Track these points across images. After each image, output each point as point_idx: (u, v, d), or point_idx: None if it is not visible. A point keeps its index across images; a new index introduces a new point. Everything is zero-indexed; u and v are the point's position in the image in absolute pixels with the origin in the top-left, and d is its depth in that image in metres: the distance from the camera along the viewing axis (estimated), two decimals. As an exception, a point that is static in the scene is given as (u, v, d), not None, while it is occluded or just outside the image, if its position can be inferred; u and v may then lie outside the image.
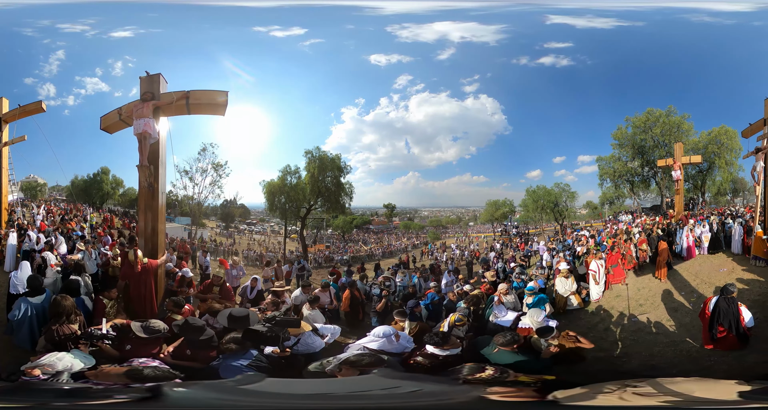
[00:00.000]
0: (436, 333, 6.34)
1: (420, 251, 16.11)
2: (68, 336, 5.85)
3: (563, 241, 13.04)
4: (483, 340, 6.63)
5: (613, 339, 8.18)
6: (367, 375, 5.37)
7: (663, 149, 13.44)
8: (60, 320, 6.00)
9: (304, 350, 6.51)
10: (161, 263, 8.30)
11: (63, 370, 5.13)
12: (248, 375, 5.53)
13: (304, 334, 6.59)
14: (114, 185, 14.35)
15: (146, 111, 8.04)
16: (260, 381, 5.40)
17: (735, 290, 7.12)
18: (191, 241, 14.25)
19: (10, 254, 9.06)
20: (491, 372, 5.44)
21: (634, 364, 7.26)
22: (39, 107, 10.06)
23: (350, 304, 9.33)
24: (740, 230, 10.41)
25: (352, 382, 5.31)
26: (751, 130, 10.54)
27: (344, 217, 16.35)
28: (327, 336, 6.98)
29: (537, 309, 7.72)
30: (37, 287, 6.91)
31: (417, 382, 5.32)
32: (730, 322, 6.85)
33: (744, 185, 13.67)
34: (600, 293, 9.52)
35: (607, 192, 14.56)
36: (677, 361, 7.15)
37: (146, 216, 8.29)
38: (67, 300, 6.30)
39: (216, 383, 5.34)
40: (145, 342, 5.98)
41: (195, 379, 5.43)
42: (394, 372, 5.76)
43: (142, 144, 8.07)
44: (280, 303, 7.91)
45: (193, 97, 8.24)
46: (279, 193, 14.54)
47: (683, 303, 8.76)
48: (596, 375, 6.79)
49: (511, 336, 6.31)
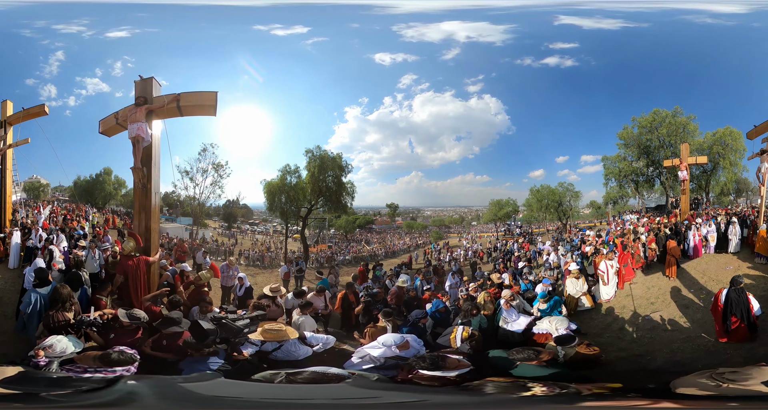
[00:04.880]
0: (423, 357, 5.90)
1: (423, 251, 16.06)
2: (62, 323, 6.34)
3: (570, 241, 13.05)
4: (499, 358, 6.33)
5: (629, 338, 8.19)
6: (339, 385, 5.39)
7: (668, 150, 13.50)
8: (56, 306, 6.49)
9: (283, 357, 6.52)
10: (154, 260, 8.41)
11: (61, 352, 5.69)
12: (205, 373, 5.83)
13: (288, 342, 6.59)
14: (116, 186, 14.28)
15: (139, 115, 8.17)
16: (212, 379, 5.63)
17: (743, 281, 7.37)
18: (192, 241, 14.14)
19: (15, 252, 9.24)
20: (547, 390, 5.21)
21: (660, 362, 7.29)
22: (42, 110, 10.12)
23: (342, 306, 9.15)
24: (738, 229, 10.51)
25: (310, 390, 5.33)
26: (756, 131, 10.60)
27: (347, 217, 16.28)
28: (317, 345, 6.92)
29: (561, 318, 7.67)
30: (45, 278, 7.12)
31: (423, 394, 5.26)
32: (741, 312, 7.11)
33: (747, 185, 13.78)
34: (611, 293, 9.53)
35: (611, 192, 14.65)
36: (697, 356, 7.28)
37: (140, 216, 8.42)
38: (65, 289, 6.72)
39: (167, 378, 5.56)
40: (126, 331, 6.49)
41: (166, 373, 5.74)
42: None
43: (136, 147, 8.22)
44: (265, 307, 7.82)
45: (183, 99, 8.31)
46: (279, 192, 14.46)
47: (693, 300, 8.86)
48: (628, 376, 6.89)
49: (527, 352, 6.17)
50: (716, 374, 5.29)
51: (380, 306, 8.59)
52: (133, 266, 7.96)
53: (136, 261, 7.98)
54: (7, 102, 10.12)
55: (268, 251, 15.19)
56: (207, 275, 8.95)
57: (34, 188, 13.46)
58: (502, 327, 8.02)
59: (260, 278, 12.91)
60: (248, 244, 15.52)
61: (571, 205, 15.05)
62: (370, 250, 16.07)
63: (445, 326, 7.98)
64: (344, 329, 8.73)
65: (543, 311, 8.34)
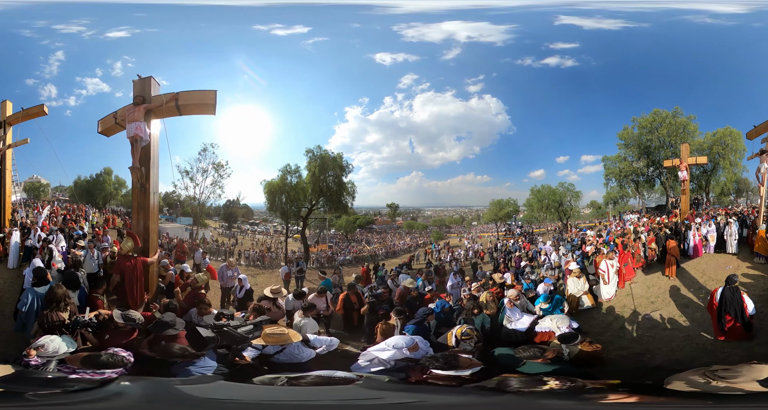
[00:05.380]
0: (435, 357, 6.01)
1: (423, 251, 16.06)
2: (56, 323, 6.31)
3: (571, 241, 13.07)
4: (506, 356, 6.48)
5: (630, 336, 8.28)
6: (342, 387, 5.39)
7: (668, 150, 13.54)
8: (51, 306, 6.47)
9: (286, 360, 6.45)
10: (152, 261, 8.37)
11: (54, 352, 5.67)
12: (204, 375, 5.75)
13: (291, 345, 6.52)
14: (117, 186, 14.26)
15: (137, 115, 8.16)
16: (211, 382, 5.56)
17: (737, 279, 7.49)
18: (192, 241, 14.12)
19: (14, 252, 9.24)
20: (559, 384, 5.36)
21: (659, 360, 7.41)
22: (41, 110, 10.12)
23: (344, 307, 9.14)
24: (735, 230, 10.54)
25: (320, 392, 5.32)
26: (756, 132, 10.64)
27: (347, 217, 16.27)
28: (321, 347, 6.86)
29: (563, 316, 7.77)
30: (43, 277, 7.12)
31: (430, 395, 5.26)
32: (735, 310, 7.22)
33: (747, 185, 13.81)
34: (611, 292, 9.58)
35: (611, 192, 14.68)
36: (696, 355, 7.38)
37: (139, 215, 8.41)
38: (60, 288, 6.69)
39: (164, 380, 5.53)
40: (120, 333, 6.44)
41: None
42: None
43: (134, 147, 8.22)
44: (265, 310, 7.72)
45: (182, 98, 8.29)
46: (279, 192, 14.44)
47: (693, 299, 8.93)
48: (629, 373, 6.95)
49: (533, 349, 6.35)
50: (709, 371, 5.45)
51: (385, 306, 8.62)
52: (130, 267, 7.94)
53: (133, 262, 7.95)
54: (6, 102, 10.13)
55: (269, 252, 15.17)
56: (204, 277, 8.90)
57: (35, 188, 13.44)
58: (506, 325, 8.07)
59: (261, 278, 12.90)
60: (248, 244, 15.50)
61: (572, 205, 15.08)
62: (371, 250, 16.06)
63: (449, 326, 7.99)
64: (345, 330, 8.73)
65: (545, 310, 8.37)
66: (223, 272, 10.05)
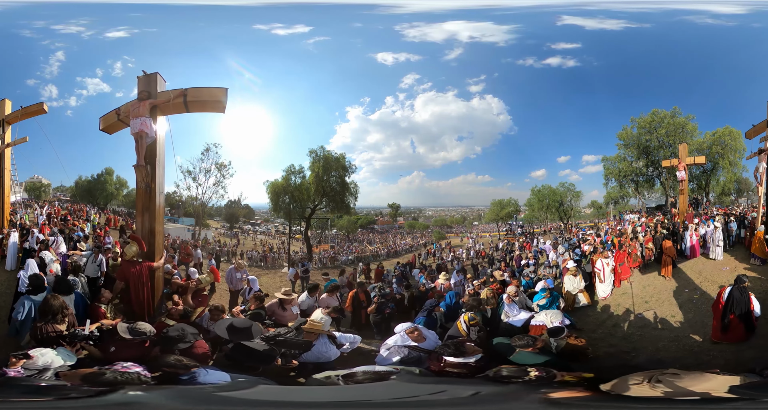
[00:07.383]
0: (447, 344, 6.28)
1: (426, 251, 16.11)
2: (51, 335, 5.86)
3: (569, 240, 13.16)
4: (503, 345, 6.75)
5: (621, 334, 8.44)
6: (383, 383, 5.37)
7: (668, 150, 13.63)
8: (46, 318, 6.03)
9: (313, 359, 6.33)
10: (159, 265, 8.10)
11: (43, 366, 5.15)
12: (238, 381, 5.39)
13: (318, 341, 6.40)
14: (118, 186, 14.16)
15: (143, 110, 7.89)
16: (251, 387, 5.26)
17: (746, 280, 7.56)
18: (195, 242, 14.09)
19: (12, 254, 9.09)
20: (537, 374, 5.58)
21: (641, 359, 7.54)
22: (41, 108, 10.01)
23: (353, 305, 9.20)
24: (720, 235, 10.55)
25: (364, 390, 5.28)
26: (755, 131, 10.72)
27: (349, 217, 16.29)
28: (346, 344, 6.77)
29: (557, 312, 7.95)
30: (39, 285, 6.95)
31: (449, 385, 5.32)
32: (741, 310, 7.26)
33: (748, 185, 13.87)
34: (607, 291, 9.68)
35: (611, 192, 14.77)
36: (680, 355, 7.51)
37: (143, 217, 8.10)
38: (56, 300, 6.27)
39: (191, 388, 5.12)
40: (129, 345, 5.91)
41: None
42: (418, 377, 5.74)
43: (139, 144, 7.93)
44: (268, 304, 7.75)
45: (191, 94, 8.04)
46: (283, 193, 14.43)
47: (687, 300, 9.02)
48: (610, 370, 6.94)
49: (527, 339, 6.64)
50: (662, 375, 5.44)
51: (392, 305, 8.72)
52: (136, 273, 7.59)
53: (139, 268, 7.59)
54: (5, 101, 10.00)
55: (271, 252, 15.18)
56: (207, 278, 8.66)
57: (36, 189, 13.38)
58: (504, 320, 8.30)
59: (264, 279, 12.90)
60: (250, 244, 15.49)
61: (572, 205, 15.16)
62: (373, 250, 16.10)
63: (455, 320, 8.18)
64: (353, 328, 8.78)
65: (542, 306, 8.59)
66: (231, 274, 9.65)
